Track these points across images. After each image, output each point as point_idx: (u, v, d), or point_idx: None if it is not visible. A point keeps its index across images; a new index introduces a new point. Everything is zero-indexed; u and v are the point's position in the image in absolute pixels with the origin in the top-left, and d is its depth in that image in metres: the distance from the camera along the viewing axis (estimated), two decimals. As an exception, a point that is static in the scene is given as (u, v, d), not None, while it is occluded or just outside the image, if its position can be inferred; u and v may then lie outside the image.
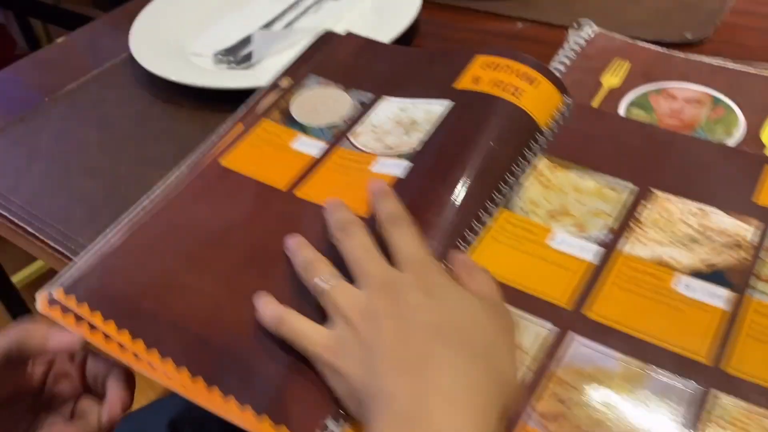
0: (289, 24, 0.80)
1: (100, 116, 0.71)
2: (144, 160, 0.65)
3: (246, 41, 0.77)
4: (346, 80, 0.63)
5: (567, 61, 0.66)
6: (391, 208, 0.46)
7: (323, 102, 0.59)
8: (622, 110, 0.59)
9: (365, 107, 0.60)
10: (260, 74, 0.73)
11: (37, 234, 0.57)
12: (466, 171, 0.51)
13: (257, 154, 0.57)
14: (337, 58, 0.66)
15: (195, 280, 0.46)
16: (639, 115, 0.59)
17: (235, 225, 0.51)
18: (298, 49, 0.70)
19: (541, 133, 0.55)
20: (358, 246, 0.44)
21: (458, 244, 0.48)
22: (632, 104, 0.60)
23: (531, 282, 0.46)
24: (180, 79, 0.70)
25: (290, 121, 0.59)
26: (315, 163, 0.55)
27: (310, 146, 0.56)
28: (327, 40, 0.68)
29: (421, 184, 0.51)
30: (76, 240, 0.56)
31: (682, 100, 0.58)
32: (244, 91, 0.69)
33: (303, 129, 0.58)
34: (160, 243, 0.49)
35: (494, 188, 0.51)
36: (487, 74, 0.57)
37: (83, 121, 0.71)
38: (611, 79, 0.63)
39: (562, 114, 0.57)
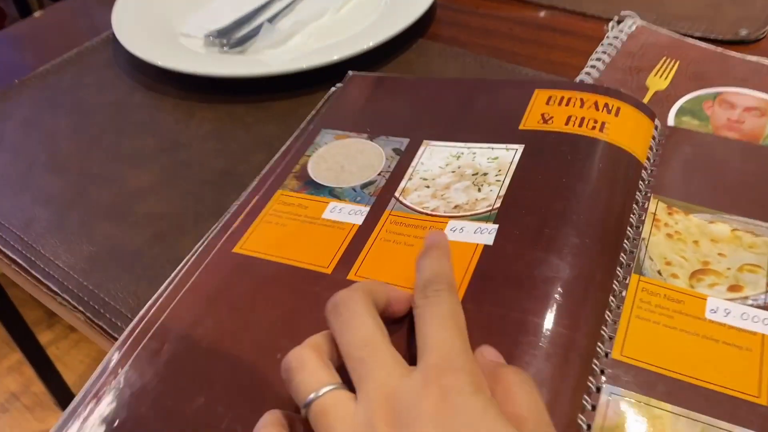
0: (290, 5, 0.67)
1: (74, 103, 0.57)
2: (119, 156, 0.51)
3: (241, 22, 0.64)
4: (368, 127, 0.46)
5: (606, 58, 0.53)
6: (432, 270, 0.31)
7: (348, 157, 0.44)
8: (670, 118, 0.47)
9: (404, 156, 0.43)
10: (255, 61, 0.59)
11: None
12: (577, 229, 0.35)
13: (282, 234, 0.39)
14: (348, 105, 0.50)
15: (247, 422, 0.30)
16: (690, 123, 0.46)
17: (277, 330, 0.34)
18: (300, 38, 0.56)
19: (644, 168, 0.40)
20: (356, 337, 0.28)
21: (603, 331, 0.32)
22: (682, 111, 0.47)
23: (706, 371, 0.31)
24: (166, 64, 0.56)
25: (314, 187, 0.42)
26: (363, 234, 0.38)
27: (349, 213, 0.40)
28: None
29: (525, 254, 0.34)
30: (36, 250, 0.44)
31: (741, 109, 0.47)
32: (237, 79, 0.56)
33: (332, 193, 0.42)
34: (180, 373, 0.33)
35: (619, 248, 0.36)
36: (556, 110, 0.43)
37: (55, 108, 0.57)
38: (658, 81, 0.51)
39: (657, 141, 0.42)
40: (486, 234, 0.36)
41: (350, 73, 0.54)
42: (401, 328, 0.33)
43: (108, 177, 0.50)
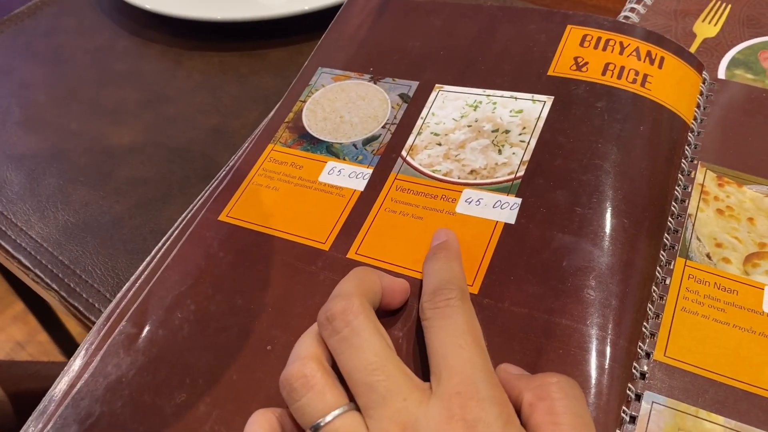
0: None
1: (52, 50, 0.53)
2: (100, 110, 0.47)
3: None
4: (371, 66, 0.41)
5: (648, 0, 0.47)
6: (441, 275, 0.27)
7: (348, 103, 0.39)
8: (721, 71, 0.42)
9: (412, 104, 0.38)
10: (251, 2, 0.53)
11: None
12: (615, 206, 0.31)
13: (274, 200, 0.35)
14: (348, 36, 0.43)
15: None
16: (744, 77, 0.41)
17: (267, 318, 0.30)
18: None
19: (690, 130, 0.35)
20: (362, 361, 0.24)
21: (644, 328, 0.28)
22: (735, 63, 0.42)
23: (765, 377, 0.27)
24: (153, 7, 0.51)
25: (309, 141, 0.37)
26: (365, 203, 0.34)
27: (349, 176, 0.35)
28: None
29: (552, 238, 0.30)
30: (6, 218, 0.40)
31: (801, 59, 0.41)
32: (231, 24, 0.51)
33: (330, 150, 0.37)
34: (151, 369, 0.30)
35: (663, 227, 0.31)
36: (592, 55, 0.37)
37: (31, 55, 0.52)
38: (707, 27, 0.45)
39: (705, 98, 0.37)
40: (507, 210, 0.32)
41: None
42: (403, 329, 0.29)
43: (87, 135, 0.46)
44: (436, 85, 0.39)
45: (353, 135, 0.38)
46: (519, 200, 0.32)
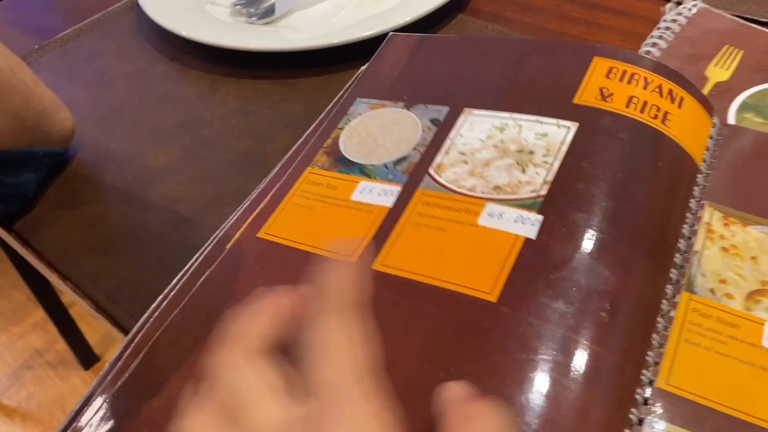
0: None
1: (94, 73, 0.56)
2: (139, 132, 0.49)
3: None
4: (406, 95, 0.43)
5: (662, 44, 0.49)
6: None
7: (382, 129, 0.41)
8: (731, 113, 0.44)
9: (441, 127, 0.40)
10: (282, 32, 0.57)
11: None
12: (630, 237, 0.32)
13: (309, 218, 0.37)
14: (385, 71, 0.46)
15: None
16: (753, 120, 0.43)
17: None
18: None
19: (700, 172, 0.37)
20: None
21: (648, 356, 0.29)
22: (745, 107, 0.44)
23: (762, 408, 0.28)
24: (189, 35, 0.54)
25: (344, 164, 0.40)
26: (393, 218, 0.36)
27: (379, 194, 0.37)
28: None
29: (572, 257, 0.32)
30: (47, 230, 0.43)
31: (810, 105, 0.43)
32: (264, 54, 0.54)
33: (363, 171, 0.39)
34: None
35: (669, 261, 0.33)
36: (617, 87, 0.39)
37: (74, 77, 0.55)
38: (719, 71, 0.47)
39: (714, 142, 0.39)
40: (528, 225, 0.34)
41: (391, 34, 0.50)
42: None
43: (126, 154, 0.48)
44: (465, 109, 0.41)
45: (386, 157, 0.40)
46: (541, 217, 0.34)
